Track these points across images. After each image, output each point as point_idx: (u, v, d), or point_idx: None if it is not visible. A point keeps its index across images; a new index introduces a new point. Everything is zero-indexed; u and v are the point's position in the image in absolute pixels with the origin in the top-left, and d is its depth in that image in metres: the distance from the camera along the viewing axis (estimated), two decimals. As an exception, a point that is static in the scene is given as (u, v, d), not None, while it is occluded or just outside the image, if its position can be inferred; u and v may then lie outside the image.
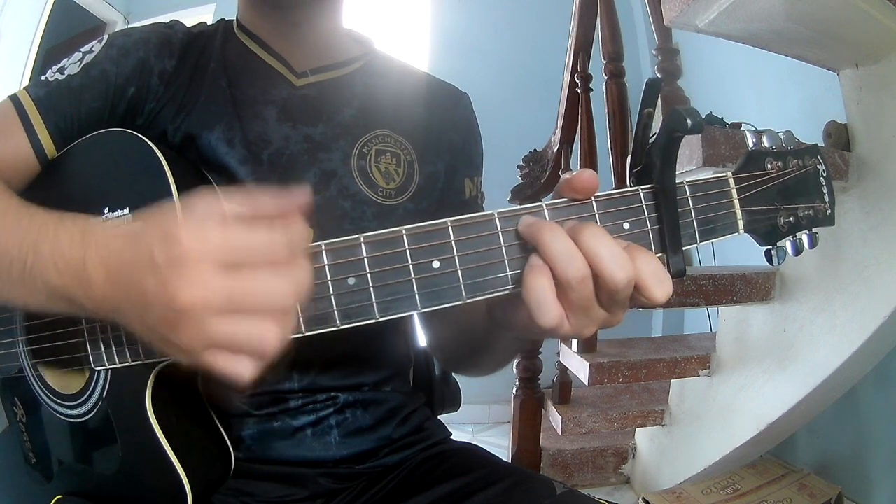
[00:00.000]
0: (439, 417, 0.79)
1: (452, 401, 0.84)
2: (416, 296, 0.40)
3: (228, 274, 0.34)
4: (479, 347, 0.60)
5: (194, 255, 0.34)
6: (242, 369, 0.35)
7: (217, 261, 0.34)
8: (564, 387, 1.74)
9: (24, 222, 0.43)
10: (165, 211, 0.37)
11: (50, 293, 0.41)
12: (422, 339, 0.80)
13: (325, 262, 0.39)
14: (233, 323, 0.34)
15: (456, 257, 0.40)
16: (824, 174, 0.46)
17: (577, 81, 1.73)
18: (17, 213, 0.45)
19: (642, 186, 0.42)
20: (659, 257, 0.40)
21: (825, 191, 0.46)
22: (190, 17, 0.68)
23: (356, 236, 0.40)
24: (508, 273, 0.40)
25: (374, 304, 0.40)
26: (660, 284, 0.38)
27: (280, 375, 0.61)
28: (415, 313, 0.41)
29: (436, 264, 0.40)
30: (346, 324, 0.40)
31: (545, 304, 0.38)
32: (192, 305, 0.34)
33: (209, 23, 0.70)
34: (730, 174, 0.44)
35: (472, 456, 0.68)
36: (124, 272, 0.37)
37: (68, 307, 0.41)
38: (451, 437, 0.74)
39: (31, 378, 0.57)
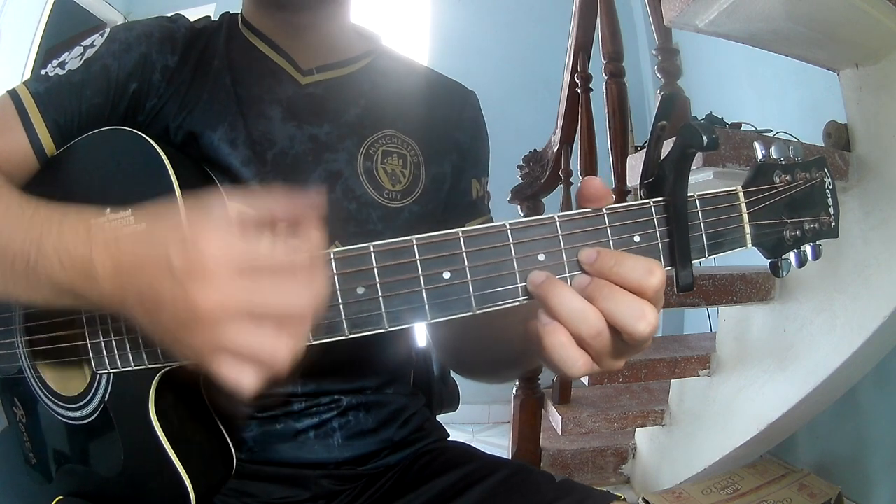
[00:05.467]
0: (438, 418, 0.79)
1: (451, 401, 0.84)
2: (426, 306, 0.39)
3: (248, 282, 0.34)
4: (506, 365, 0.60)
5: (214, 262, 0.34)
6: (247, 380, 0.35)
7: (237, 269, 0.34)
8: (564, 387, 1.74)
9: (27, 217, 0.43)
10: (176, 213, 0.37)
11: (54, 288, 0.41)
12: (421, 339, 0.80)
13: (334, 270, 0.39)
14: (249, 332, 0.34)
15: (467, 268, 0.39)
16: (830, 186, 0.46)
17: (577, 81, 1.73)
18: (19, 207, 0.44)
19: (653, 199, 0.42)
20: (667, 270, 0.41)
21: (830, 203, 0.46)
22: (190, 16, 0.67)
23: (366, 245, 0.39)
24: (519, 285, 0.40)
25: (384, 314, 0.39)
26: (647, 270, 0.38)
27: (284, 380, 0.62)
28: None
29: (446, 275, 0.39)
30: (354, 333, 0.40)
31: (570, 358, 0.38)
32: (211, 311, 0.34)
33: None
34: (740, 188, 0.44)
35: (468, 451, 0.69)
36: (135, 272, 0.37)
37: (73, 301, 0.41)
38: (449, 438, 0.74)
39: (31, 379, 0.57)
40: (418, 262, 0.39)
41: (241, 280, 0.34)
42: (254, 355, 0.35)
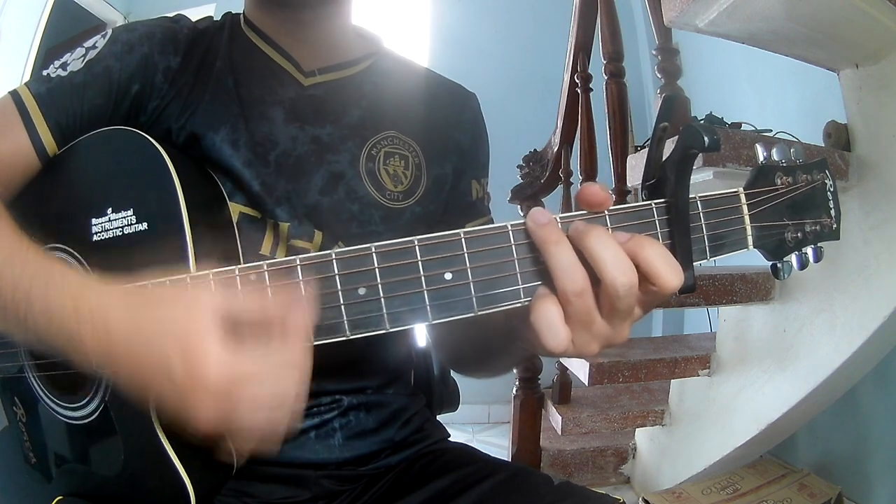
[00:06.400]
0: (438, 418, 0.79)
1: (451, 401, 0.84)
2: (428, 307, 0.40)
3: (241, 393, 0.39)
4: (494, 352, 0.60)
5: (215, 379, 0.38)
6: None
7: (233, 383, 0.38)
8: (564, 387, 1.74)
9: (17, 266, 0.44)
10: (168, 308, 0.40)
11: (43, 343, 0.43)
12: (421, 339, 0.80)
13: (336, 271, 0.39)
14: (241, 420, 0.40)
15: (468, 269, 0.39)
16: (831, 189, 0.46)
17: (577, 81, 1.73)
18: (9, 252, 0.45)
19: (655, 201, 0.42)
20: None
21: (832, 205, 0.46)
22: (191, 16, 0.67)
23: (367, 245, 0.39)
24: (521, 286, 0.40)
25: (385, 315, 0.40)
26: (672, 269, 0.38)
27: None
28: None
29: (448, 276, 0.39)
30: (355, 334, 0.40)
31: (554, 327, 0.39)
32: (206, 421, 0.39)
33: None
34: (741, 190, 0.44)
35: (468, 451, 0.69)
36: (128, 362, 0.40)
37: (62, 356, 0.42)
38: (449, 439, 0.74)
39: (31, 378, 0.57)
40: (420, 262, 0.39)
41: (236, 391, 0.38)
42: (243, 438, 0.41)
